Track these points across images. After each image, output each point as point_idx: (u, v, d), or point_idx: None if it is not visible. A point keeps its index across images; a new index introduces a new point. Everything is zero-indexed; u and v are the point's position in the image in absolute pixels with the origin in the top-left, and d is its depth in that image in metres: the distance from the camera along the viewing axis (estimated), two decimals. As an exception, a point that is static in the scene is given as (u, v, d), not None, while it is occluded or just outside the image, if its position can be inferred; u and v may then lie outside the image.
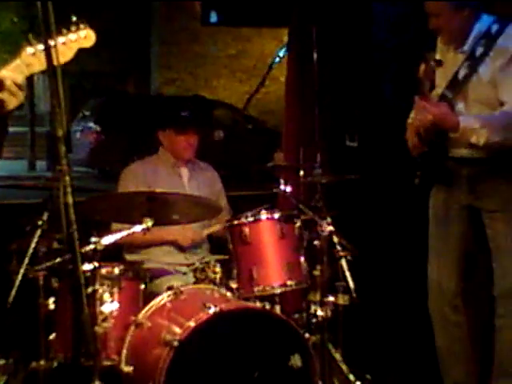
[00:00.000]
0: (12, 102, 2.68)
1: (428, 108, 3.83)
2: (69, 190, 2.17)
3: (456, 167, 4.09)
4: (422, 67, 3.93)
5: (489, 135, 3.81)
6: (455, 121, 3.83)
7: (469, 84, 3.93)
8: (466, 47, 3.98)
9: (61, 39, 2.73)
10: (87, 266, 3.68)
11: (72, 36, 2.79)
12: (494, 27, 3.95)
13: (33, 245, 3.96)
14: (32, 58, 2.72)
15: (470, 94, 3.97)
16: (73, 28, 2.80)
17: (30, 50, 2.72)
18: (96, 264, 3.71)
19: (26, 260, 3.92)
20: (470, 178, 4.07)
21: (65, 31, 2.77)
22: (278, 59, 4.85)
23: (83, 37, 2.82)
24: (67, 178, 2.16)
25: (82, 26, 2.81)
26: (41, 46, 2.70)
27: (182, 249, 4.60)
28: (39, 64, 2.72)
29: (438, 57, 4.10)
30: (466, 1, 3.93)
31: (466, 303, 4.24)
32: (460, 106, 3.94)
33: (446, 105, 3.89)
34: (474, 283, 4.23)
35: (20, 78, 2.71)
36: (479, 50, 3.94)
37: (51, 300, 3.89)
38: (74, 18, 2.73)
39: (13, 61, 2.72)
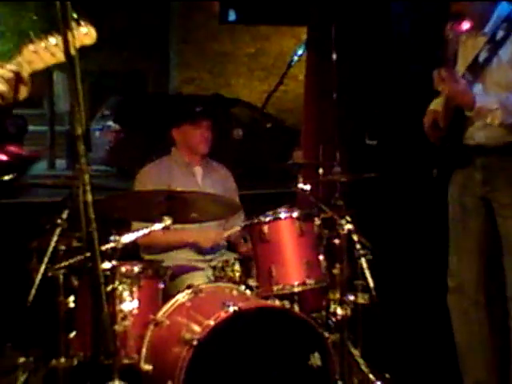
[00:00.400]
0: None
1: (448, 81, 3.83)
2: (88, 188, 2.17)
3: (471, 157, 4.09)
4: (449, 25, 3.94)
5: (504, 116, 3.82)
6: (471, 99, 3.83)
7: (489, 67, 3.93)
8: (486, 29, 3.99)
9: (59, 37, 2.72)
10: (107, 265, 3.69)
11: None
12: None
13: (53, 243, 3.97)
14: (33, 55, 2.72)
15: (489, 77, 3.97)
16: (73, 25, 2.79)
17: (31, 47, 2.72)
18: (115, 262, 3.73)
19: (46, 258, 3.93)
20: (485, 168, 4.06)
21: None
22: (296, 58, 4.83)
23: (84, 34, 2.80)
24: (86, 177, 2.16)
25: (82, 23, 2.79)
26: (42, 44, 2.72)
27: (201, 251, 4.60)
28: (41, 61, 2.72)
29: (461, 40, 4.13)
30: None
31: (489, 300, 4.21)
32: (478, 88, 3.92)
33: (465, 82, 3.88)
34: (498, 282, 4.21)
35: (23, 74, 2.72)
36: (500, 34, 3.95)
37: (71, 298, 3.90)
38: (75, 15, 2.71)
39: (14, 58, 2.71)
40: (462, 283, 4.23)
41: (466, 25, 3.89)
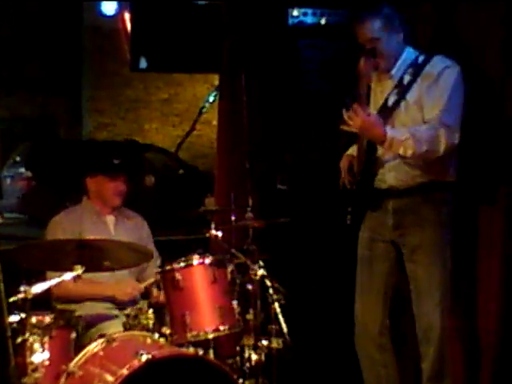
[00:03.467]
0: None
1: (360, 115, 3.90)
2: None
3: (383, 201, 4.16)
4: (362, 61, 4.05)
5: (415, 145, 3.89)
6: (382, 131, 3.92)
7: (397, 110, 4.05)
8: (393, 71, 4.13)
9: None
10: (15, 317, 3.63)
11: None
12: (421, 58, 4.13)
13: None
14: None
15: (397, 119, 4.09)
16: None
17: None
18: (24, 315, 3.66)
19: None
20: (396, 212, 4.13)
21: None
22: (207, 104, 4.88)
23: None
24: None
25: None
26: None
27: (118, 304, 4.53)
28: None
29: (372, 86, 4.24)
30: (395, 21, 4.11)
31: (395, 341, 4.27)
32: (387, 128, 3.99)
33: (377, 116, 3.98)
34: (407, 318, 4.26)
35: None
36: (407, 78, 4.10)
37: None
38: None
39: None
40: (366, 327, 4.28)
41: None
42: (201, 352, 3.89)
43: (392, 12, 4.14)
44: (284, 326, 4.22)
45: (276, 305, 4.26)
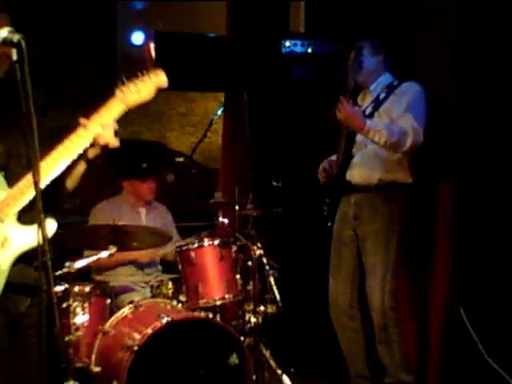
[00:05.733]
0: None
1: (345, 106, 3.89)
2: (44, 225, 2.13)
3: (348, 194, 4.15)
4: (352, 56, 4.04)
5: (388, 135, 3.88)
6: (362, 120, 3.91)
7: (371, 117, 4.04)
8: (372, 87, 4.15)
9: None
10: (60, 287, 3.64)
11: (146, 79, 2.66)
12: (395, 82, 4.14)
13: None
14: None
15: None
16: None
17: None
18: (68, 285, 3.67)
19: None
20: (356, 205, 4.13)
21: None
22: (216, 117, 4.90)
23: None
24: (42, 216, 2.12)
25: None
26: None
27: (141, 266, 4.55)
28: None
29: (358, 100, 4.25)
30: (381, 49, 4.13)
31: (363, 311, 4.26)
32: (367, 119, 3.99)
33: (358, 109, 3.99)
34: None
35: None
36: (382, 95, 4.12)
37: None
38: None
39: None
40: (337, 300, 4.26)
41: None
42: (210, 315, 3.88)
43: (383, 42, 4.20)
44: (277, 295, 4.25)
45: (271, 278, 4.29)
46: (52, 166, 2.42)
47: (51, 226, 2.38)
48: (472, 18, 4.14)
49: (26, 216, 2.40)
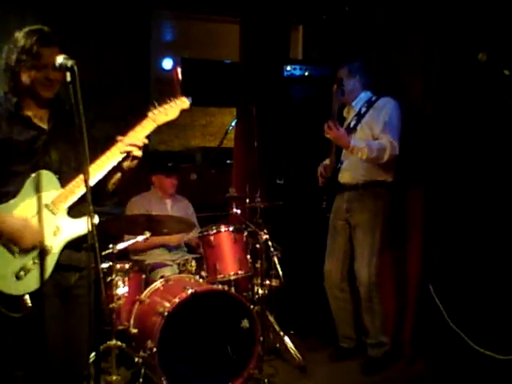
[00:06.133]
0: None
1: (333, 128, 3.89)
2: (92, 214, 2.14)
3: (341, 191, 4.15)
4: (334, 88, 4.03)
5: (368, 152, 3.89)
6: (347, 141, 3.91)
7: (356, 129, 4.04)
8: (354, 103, 4.13)
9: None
10: (105, 265, 3.65)
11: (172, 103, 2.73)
12: (374, 97, 4.13)
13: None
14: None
15: (356, 135, 4.07)
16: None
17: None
18: (111, 263, 3.68)
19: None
20: (348, 200, 4.12)
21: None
22: (231, 127, 4.89)
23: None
24: (91, 207, 2.13)
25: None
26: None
27: (169, 249, 4.55)
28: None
29: (344, 113, 4.22)
30: (356, 72, 4.10)
31: (351, 285, 4.26)
32: (351, 139, 3.97)
33: (344, 130, 3.96)
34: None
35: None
36: (363, 110, 4.10)
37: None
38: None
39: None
40: (331, 276, 4.27)
41: None
42: (226, 288, 3.88)
43: (357, 65, 4.14)
44: (280, 271, 4.25)
45: (275, 258, 4.29)
46: (97, 170, 2.45)
47: (95, 218, 2.39)
48: (438, 46, 4.12)
49: (74, 210, 2.43)
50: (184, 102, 2.75)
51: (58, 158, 2.46)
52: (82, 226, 2.35)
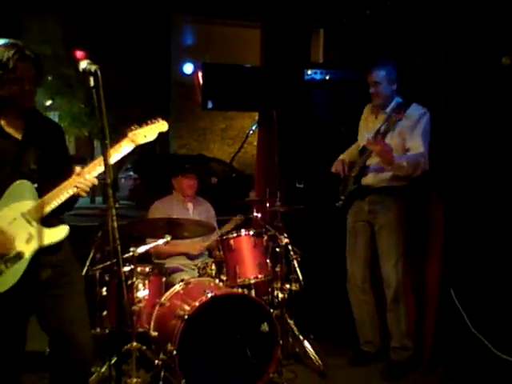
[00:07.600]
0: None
1: (381, 144, 3.83)
2: (114, 218, 2.16)
3: (363, 194, 4.12)
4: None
5: (407, 169, 3.86)
6: (391, 157, 3.84)
7: (386, 136, 3.94)
8: (387, 110, 4.04)
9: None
10: (127, 267, 3.66)
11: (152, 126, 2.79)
12: (404, 103, 4.02)
13: (92, 252, 3.94)
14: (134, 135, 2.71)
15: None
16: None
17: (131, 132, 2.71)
18: (133, 266, 3.69)
19: (88, 262, 3.89)
20: (371, 202, 4.09)
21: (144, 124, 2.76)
22: (251, 132, 4.89)
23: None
24: (113, 211, 2.15)
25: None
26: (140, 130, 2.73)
27: (191, 258, 4.55)
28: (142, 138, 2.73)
29: (363, 117, 4.17)
30: (395, 77, 4.01)
31: (374, 287, 4.22)
32: (395, 155, 3.89)
33: (390, 146, 3.87)
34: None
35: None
36: (393, 115, 3.98)
37: (104, 289, 3.85)
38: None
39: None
40: (354, 277, 4.24)
41: None
42: (246, 291, 3.88)
43: (392, 67, 4.05)
44: (300, 275, 4.23)
45: (295, 262, 4.27)
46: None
47: (65, 229, 2.55)
48: (460, 46, 4.07)
49: (46, 221, 2.51)
50: (163, 125, 2.81)
51: (36, 168, 2.51)
52: (55, 235, 2.48)
